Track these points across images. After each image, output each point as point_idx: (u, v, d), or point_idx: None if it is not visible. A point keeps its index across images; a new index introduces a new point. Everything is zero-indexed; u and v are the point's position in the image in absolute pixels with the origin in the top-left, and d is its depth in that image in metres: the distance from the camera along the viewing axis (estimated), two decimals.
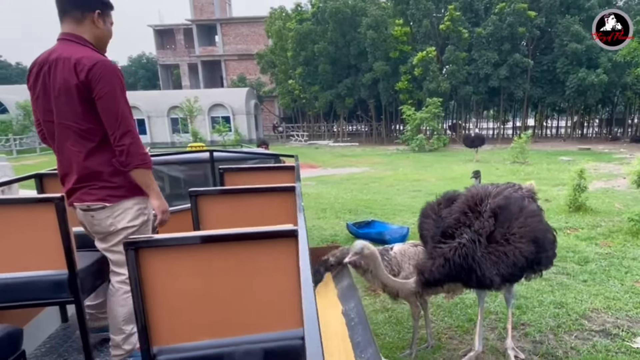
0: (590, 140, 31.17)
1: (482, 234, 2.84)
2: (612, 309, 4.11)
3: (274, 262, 1.55)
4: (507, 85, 29.17)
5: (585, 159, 8.17)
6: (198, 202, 2.40)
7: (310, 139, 36.60)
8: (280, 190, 2.45)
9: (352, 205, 9.30)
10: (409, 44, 30.60)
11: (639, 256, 5.53)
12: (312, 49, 31.85)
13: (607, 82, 26.94)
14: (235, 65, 45.68)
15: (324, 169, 17.72)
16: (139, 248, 1.39)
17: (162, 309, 1.46)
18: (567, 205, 8.10)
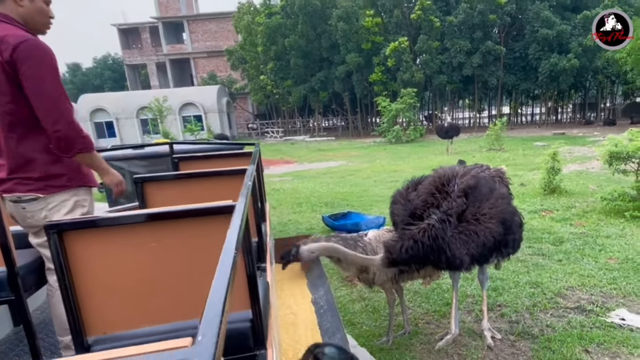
0: (564, 125, 31.94)
1: (451, 214, 2.82)
2: (586, 286, 4.16)
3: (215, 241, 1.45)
4: (481, 73, 29.61)
5: (560, 143, 8.27)
6: (144, 189, 2.28)
7: (285, 135, 36.43)
8: (232, 173, 2.34)
9: (329, 199, 9.24)
10: (381, 34, 30.72)
11: (613, 234, 5.64)
12: (282, 43, 31.65)
13: (578, 67, 27.64)
14: (204, 63, 45.05)
15: (300, 164, 17.61)
16: (62, 231, 1.28)
17: (95, 296, 1.36)
18: (542, 188, 8.23)
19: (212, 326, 0.63)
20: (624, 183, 6.95)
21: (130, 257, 1.39)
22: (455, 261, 2.82)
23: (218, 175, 2.37)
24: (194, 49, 44.86)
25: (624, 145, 6.32)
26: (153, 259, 1.40)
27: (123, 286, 1.40)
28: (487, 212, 2.86)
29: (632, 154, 6.22)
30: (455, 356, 3.18)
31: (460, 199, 2.86)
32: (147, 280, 1.41)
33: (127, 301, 1.40)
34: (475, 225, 2.84)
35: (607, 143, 6.57)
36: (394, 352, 3.28)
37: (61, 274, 1.28)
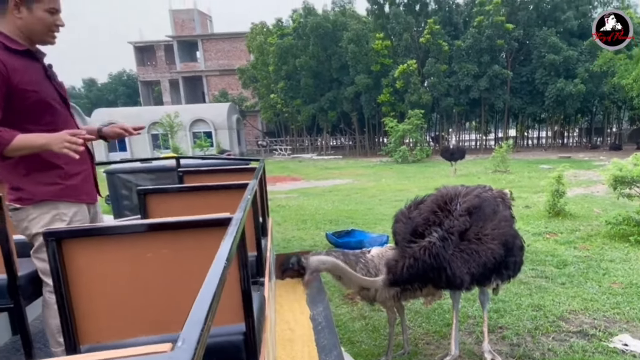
0: (570, 149, 31.76)
1: (453, 232, 2.80)
2: (589, 310, 4.08)
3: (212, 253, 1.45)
4: (488, 96, 29.67)
5: (565, 166, 8.23)
6: (147, 202, 2.29)
7: (293, 153, 36.57)
8: (235, 187, 2.35)
9: (334, 216, 9.22)
10: (390, 57, 31.00)
11: (617, 258, 5.55)
12: (293, 63, 32.05)
13: (585, 92, 27.60)
14: (216, 81, 45.67)
15: (306, 181, 17.63)
16: (61, 239, 1.29)
17: (89, 304, 1.36)
18: (547, 210, 8.15)
19: (193, 333, 0.63)
20: (629, 207, 6.86)
21: (127, 267, 1.39)
22: (456, 280, 2.80)
23: (221, 189, 2.38)
24: (206, 67, 45.55)
25: (629, 169, 6.28)
26: (150, 270, 1.40)
27: (119, 296, 1.40)
28: (489, 232, 2.84)
29: (636, 178, 6.17)
30: None
31: (463, 217, 2.84)
32: (143, 290, 1.41)
33: (122, 311, 1.40)
34: (477, 244, 2.82)
35: (612, 167, 6.53)
36: None
37: (57, 282, 1.29)
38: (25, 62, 1.99)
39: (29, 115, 1.99)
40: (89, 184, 2.24)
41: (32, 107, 1.99)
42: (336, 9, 33.63)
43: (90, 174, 2.26)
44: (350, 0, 34.33)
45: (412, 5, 31.21)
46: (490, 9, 28.48)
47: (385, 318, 4.13)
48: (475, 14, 29.68)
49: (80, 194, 2.16)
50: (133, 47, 47.39)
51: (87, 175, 2.22)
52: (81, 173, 2.18)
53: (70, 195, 2.12)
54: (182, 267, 1.44)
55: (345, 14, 32.82)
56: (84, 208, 2.18)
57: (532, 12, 30.02)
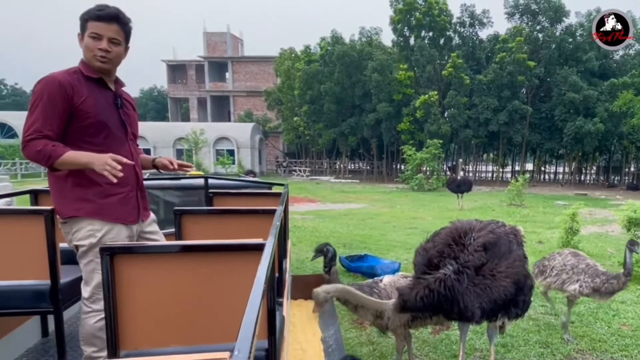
0: (587, 187, 31.20)
1: (469, 267, 2.86)
2: (597, 350, 4.05)
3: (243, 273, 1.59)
4: (507, 130, 29.59)
5: (580, 204, 8.18)
6: (182, 221, 2.45)
7: (312, 175, 36.82)
8: (262, 212, 2.50)
9: (348, 240, 9.29)
10: (412, 87, 31.31)
11: (628, 300, 5.48)
12: (318, 89, 32.63)
13: (603, 131, 27.36)
14: (243, 101, 46.68)
15: (322, 203, 17.75)
16: (114, 254, 1.44)
17: (132, 314, 1.50)
18: (559, 247, 8.06)
19: (246, 345, 0.77)
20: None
21: (167, 283, 1.53)
22: (467, 313, 2.85)
23: (249, 213, 2.53)
24: (234, 87, 46.66)
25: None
26: (187, 286, 1.54)
27: (156, 308, 1.54)
28: (503, 270, 2.89)
29: None
30: None
31: (478, 253, 2.90)
32: (178, 304, 1.55)
33: (159, 322, 1.54)
34: (491, 280, 2.87)
35: (626, 208, 6.49)
36: None
37: (107, 292, 1.44)
38: (95, 88, 2.22)
39: (84, 134, 2.19)
40: (128, 206, 2.33)
41: (88, 127, 2.20)
42: (363, 39, 34.28)
43: (131, 196, 2.36)
44: (377, 32, 35.00)
45: (437, 39, 31.64)
46: (513, 46, 28.65)
47: (393, 345, 4.17)
48: (497, 51, 29.89)
49: (115, 214, 2.27)
50: (166, 65, 48.97)
51: (126, 197, 2.33)
52: (120, 194, 2.29)
53: (105, 214, 2.23)
54: (216, 286, 1.58)
55: (371, 44, 33.42)
56: (119, 227, 2.27)
57: (554, 51, 30.09)
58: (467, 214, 12.47)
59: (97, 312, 2.11)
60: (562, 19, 30.26)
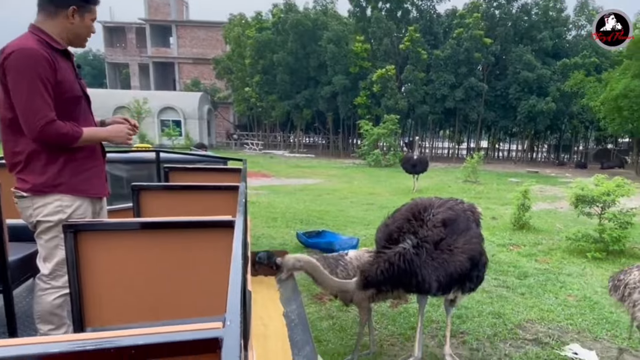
0: (538, 164, 33.12)
1: (427, 241, 3.03)
2: (545, 320, 4.43)
3: (212, 250, 1.62)
4: (463, 107, 30.63)
5: (532, 181, 8.72)
6: (140, 197, 2.42)
7: (265, 148, 36.56)
8: (224, 189, 2.52)
9: (304, 216, 9.41)
10: (369, 60, 31.51)
11: (574, 272, 5.98)
12: (270, 58, 32.10)
13: (555, 110, 29.00)
14: (189, 69, 45.07)
15: (277, 178, 17.76)
16: (77, 231, 1.43)
17: (97, 291, 1.50)
18: (512, 223, 8.61)
19: (236, 315, 0.83)
20: (588, 225, 7.36)
21: (133, 259, 1.54)
22: (425, 285, 3.03)
23: (209, 189, 2.54)
24: (179, 54, 44.87)
25: (590, 189, 6.74)
26: (153, 263, 1.55)
27: (122, 285, 1.55)
28: (460, 246, 3.07)
29: (596, 198, 6.63)
30: None
31: (437, 228, 3.07)
32: (146, 281, 1.56)
33: (126, 299, 1.55)
34: (449, 255, 3.05)
35: (574, 186, 6.98)
36: None
37: (72, 269, 1.42)
38: (62, 61, 2.21)
39: (61, 109, 2.16)
40: (101, 179, 2.37)
41: (66, 102, 2.19)
42: (317, 8, 33.84)
43: (102, 169, 2.39)
44: (332, 0, 34.65)
45: (394, 11, 31.86)
46: (470, 22, 29.44)
47: (352, 319, 4.36)
48: (455, 26, 30.64)
49: (88, 189, 2.29)
50: (102, 26, 46.10)
51: (99, 170, 2.36)
52: (94, 168, 2.32)
53: (80, 189, 2.24)
54: (183, 262, 1.60)
55: (326, 14, 33.11)
56: (87, 203, 2.28)
57: (509, 28, 31.22)
58: (423, 192, 12.92)
59: (57, 289, 2.12)
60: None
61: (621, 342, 4.01)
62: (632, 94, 19.88)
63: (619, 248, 6.56)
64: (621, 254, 6.70)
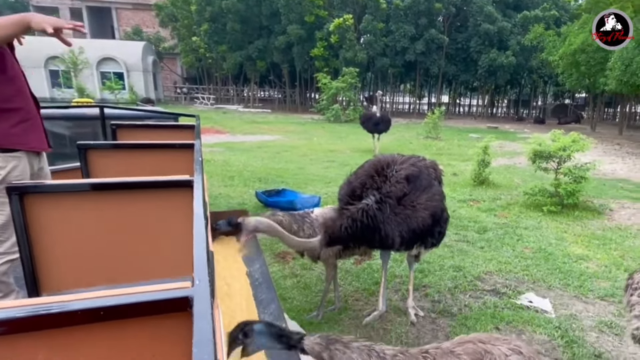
0: (498, 120, 34.23)
1: (391, 197, 3.11)
2: (502, 271, 4.73)
3: (170, 211, 1.61)
4: (423, 60, 30.80)
5: (492, 137, 9.04)
6: (88, 157, 2.33)
7: (217, 103, 35.62)
8: (178, 147, 2.47)
9: (263, 174, 9.38)
10: (326, 9, 30.79)
11: (530, 226, 6.37)
12: (219, 5, 30.72)
13: (515, 64, 29.72)
14: (129, 15, 42.48)
15: (232, 135, 17.47)
16: (24, 193, 1.37)
17: (51, 256, 1.46)
18: (472, 179, 8.97)
19: (204, 274, 0.84)
20: (545, 180, 7.77)
21: (85, 221, 1.50)
22: (388, 241, 3.14)
23: (162, 147, 2.48)
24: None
25: (547, 145, 7.07)
26: (108, 225, 1.53)
27: (77, 248, 1.51)
28: (423, 202, 3.19)
29: (553, 154, 6.98)
30: (381, 330, 3.54)
31: (401, 184, 3.16)
32: (101, 243, 1.54)
33: (81, 263, 1.52)
34: (411, 211, 3.16)
35: (532, 141, 7.30)
36: (324, 325, 3.58)
37: (20, 233, 1.37)
38: None
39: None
40: (37, 132, 2.23)
41: None
42: None
43: (38, 123, 2.25)
44: None
45: None
46: None
47: (316, 276, 4.49)
48: None
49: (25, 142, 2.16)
50: None
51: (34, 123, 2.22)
52: (27, 121, 2.17)
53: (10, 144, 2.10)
54: (140, 224, 1.58)
55: None
56: (24, 161, 2.16)
57: None
58: (383, 149, 13.09)
59: (0, 256, 2.04)
60: None
61: (572, 290, 4.36)
62: (590, 48, 20.57)
63: (573, 202, 7.00)
64: (575, 208, 7.17)
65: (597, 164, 7.19)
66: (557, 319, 3.78)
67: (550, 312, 3.90)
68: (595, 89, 24.06)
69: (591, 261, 5.15)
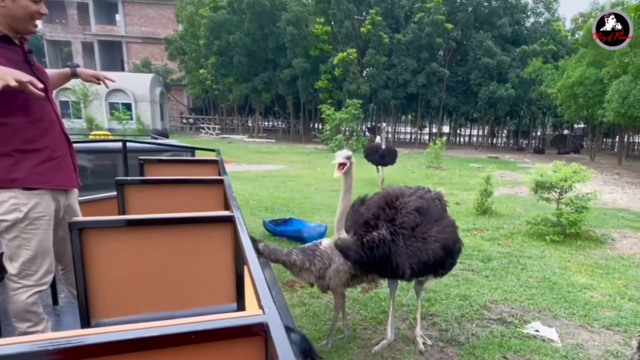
0: (499, 150, 34.53)
1: (404, 227, 3.24)
2: (508, 300, 4.80)
3: (210, 243, 1.75)
4: (425, 92, 31.37)
5: (493, 167, 9.20)
6: (124, 191, 2.49)
7: (222, 133, 36.09)
8: (207, 182, 2.63)
9: (269, 203, 9.50)
10: (330, 43, 31.56)
11: (534, 255, 6.45)
12: (227, 39, 31.55)
13: (514, 96, 30.27)
14: (138, 49, 43.59)
15: (237, 164, 17.68)
16: (82, 229, 1.52)
17: (100, 285, 1.59)
18: (475, 208, 9.08)
19: (270, 302, 0.98)
20: (547, 209, 7.87)
21: (135, 254, 1.64)
22: (399, 272, 3.25)
23: (192, 182, 2.65)
24: (127, 32, 43.25)
25: (549, 175, 7.21)
26: (154, 257, 1.66)
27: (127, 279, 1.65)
28: (434, 235, 3.31)
29: (554, 184, 7.11)
30: (390, 359, 3.60)
31: (412, 216, 3.29)
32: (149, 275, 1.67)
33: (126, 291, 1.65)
34: (423, 243, 3.28)
35: (534, 172, 7.45)
36: (333, 354, 3.64)
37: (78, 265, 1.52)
38: (3, 46, 2.12)
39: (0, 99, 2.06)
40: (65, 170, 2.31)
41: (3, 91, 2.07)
42: None
43: (67, 160, 2.34)
44: None
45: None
46: (431, 7, 30.01)
47: (325, 304, 4.57)
48: (416, 10, 31.13)
49: (50, 181, 2.23)
50: None
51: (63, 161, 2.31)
52: (55, 159, 2.26)
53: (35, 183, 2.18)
54: (183, 256, 1.72)
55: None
56: (47, 198, 2.23)
57: (470, 14, 32.08)
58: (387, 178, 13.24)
59: (29, 287, 2.13)
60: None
61: (578, 319, 4.43)
62: (587, 81, 20.99)
63: (575, 231, 7.09)
64: (577, 237, 7.24)
65: (597, 194, 7.29)
66: (564, 348, 3.83)
67: (556, 341, 3.96)
68: (593, 120, 24.37)
69: (595, 290, 5.21)
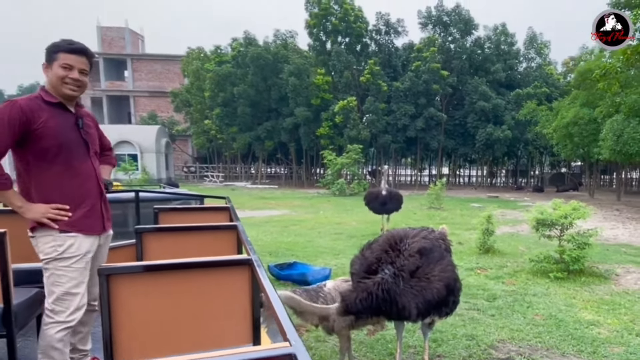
0: (498, 189, 34.62)
1: (405, 270, 3.30)
2: (515, 339, 4.76)
3: (229, 285, 1.85)
4: (424, 136, 31.91)
5: (494, 206, 9.28)
6: (143, 239, 2.61)
7: (226, 180, 36.43)
8: (221, 228, 2.75)
9: (273, 248, 9.53)
10: (331, 92, 32.48)
11: (539, 292, 6.41)
12: (231, 91, 32.49)
13: (511, 138, 30.76)
14: (145, 102, 44.82)
15: (241, 210, 17.74)
16: (109, 275, 1.63)
17: (126, 328, 1.68)
18: (478, 247, 9.09)
19: (295, 335, 1.07)
20: (549, 246, 7.87)
21: (156, 297, 1.74)
22: (405, 312, 3.28)
23: (206, 230, 2.77)
24: (135, 87, 44.62)
25: (549, 213, 7.27)
26: (178, 299, 1.76)
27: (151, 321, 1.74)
28: (437, 274, 3.36)
29: (555, 221, 7.16)
30: None
31: (414, 257, 3.36)
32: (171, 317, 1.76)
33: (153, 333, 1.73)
34: (426, 283, 3.33)
35: (534, 210, 7.51)
36: None
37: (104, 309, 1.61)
38: (55, 112, 2.45)
39: (45, 155, 2.40)
40: (93, 218, 2.55)
41: (49, 149, 2.40)
42: (278, 42, 34.73)
43: (96, 208, 2.58)
44: (293, 35, 35.65)
45: (353, 45, 33.12)
46: (427, 55, 31.07)
47: (331, 348, 4.54)
48: (413, 59, 32.19)
49: (82, 228, 2.47)
50: None
51: (92, 209, 2.55)
52: (85, 207, 2.51)
53: (71, 225, 2.43)
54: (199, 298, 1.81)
55: (286, 47, 33.97)
56: (81, 239, 2.45)
57: (465, 61, 33.07)
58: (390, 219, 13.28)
59: (59, 323, 2.27)
60: (472, 32, 33.42)
61: (586, 356, 4.38)
62: (582, 121, 21.41)
63: (578, 267, 7.08)
64: (581, 273, 7.22)
65: (599, 230, 7.32)
66: None
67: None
68: (590, 158, 24.60)
69: (602, 326, 5.17)
